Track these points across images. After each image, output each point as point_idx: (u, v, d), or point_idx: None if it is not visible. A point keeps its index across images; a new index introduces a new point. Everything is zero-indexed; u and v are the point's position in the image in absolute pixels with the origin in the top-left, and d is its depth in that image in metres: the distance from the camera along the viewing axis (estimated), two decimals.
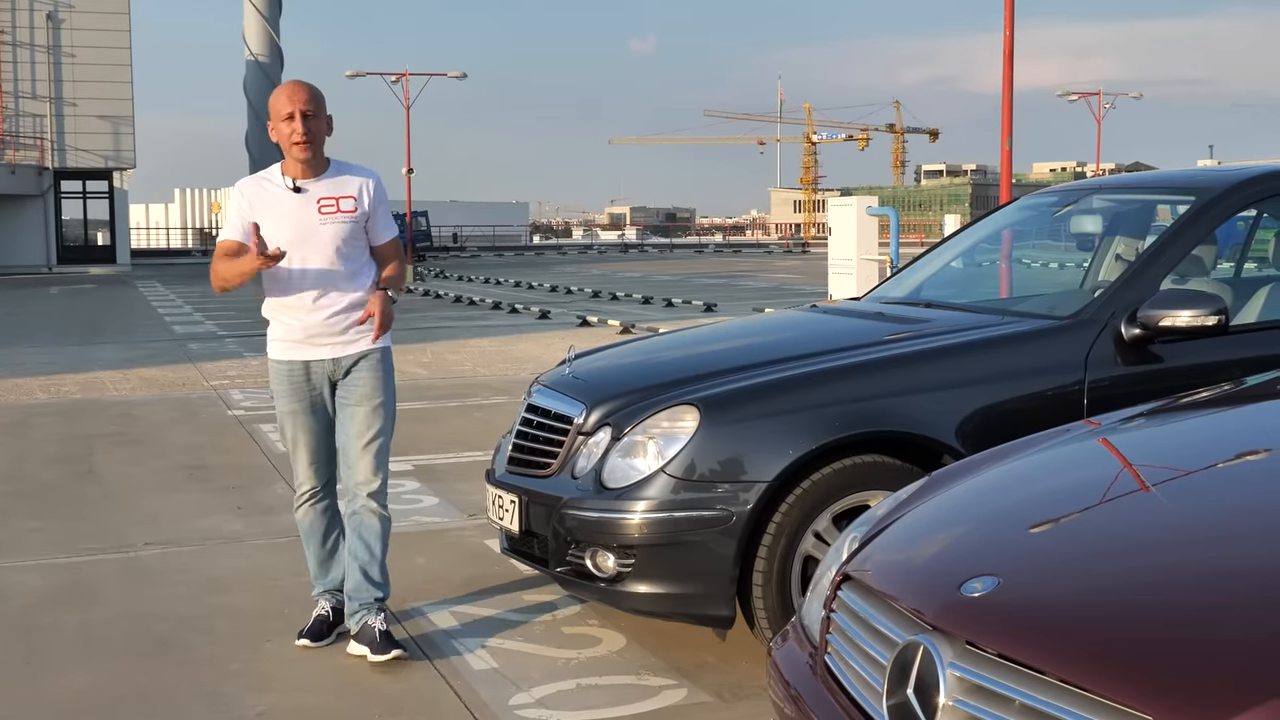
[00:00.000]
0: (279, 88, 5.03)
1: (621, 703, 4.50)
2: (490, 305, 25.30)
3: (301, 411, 5.07)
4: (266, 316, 5.10)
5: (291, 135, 4.87)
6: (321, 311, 4.98)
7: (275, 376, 5.11)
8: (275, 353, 5.11)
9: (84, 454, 9.44)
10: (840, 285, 17.12)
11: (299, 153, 4.90)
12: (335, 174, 5.03)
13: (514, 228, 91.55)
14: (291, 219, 4.92)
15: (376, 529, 5.05)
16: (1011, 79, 17.71)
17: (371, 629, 4.95)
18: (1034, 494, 2.97)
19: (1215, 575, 2.33)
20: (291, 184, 4.96)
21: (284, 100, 4.91)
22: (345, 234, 4.97)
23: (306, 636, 5.11)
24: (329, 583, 5.22)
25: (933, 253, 6.76)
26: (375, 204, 5.06)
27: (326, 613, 5.19)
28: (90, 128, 47.74)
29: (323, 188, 4.98)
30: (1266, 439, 3.14)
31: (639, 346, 6.19)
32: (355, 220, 4.99)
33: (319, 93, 5.00)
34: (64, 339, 19.25)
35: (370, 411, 5.03)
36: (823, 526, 4.64)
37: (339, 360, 5.03)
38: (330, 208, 4.95)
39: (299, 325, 5.01)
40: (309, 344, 5.02)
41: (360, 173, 5.08)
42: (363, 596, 5.02)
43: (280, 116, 4.90)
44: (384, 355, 5.11)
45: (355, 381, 5.04)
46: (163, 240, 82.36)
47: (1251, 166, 5.95)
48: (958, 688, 2.27)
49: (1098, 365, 4.92)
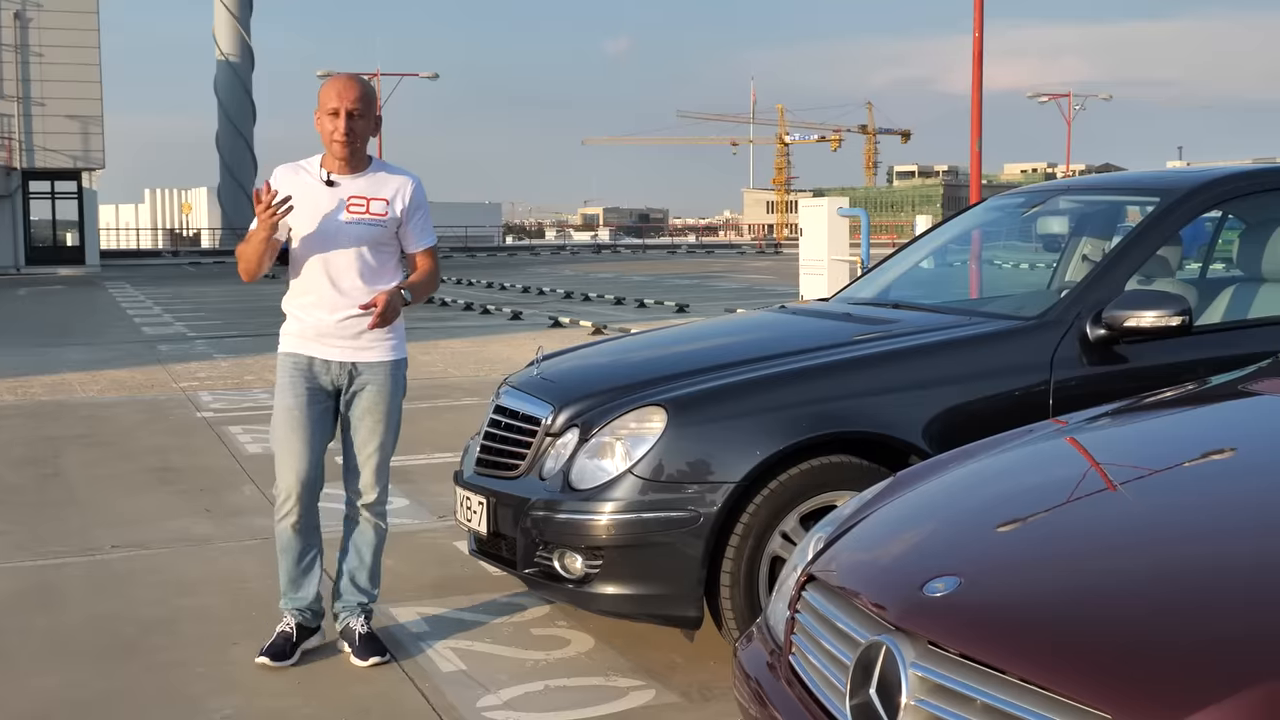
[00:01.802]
0: (331, 80, 4.84)
1: (590, 704, 4.49)
2: (462, 306, 25.24)
3: (298, 408, 4.85)
4: (285, 310, 4.97)
5: (334, 132, 4.73)
6: (338, 313, 4.82)
7: (281, 370, 4.94)
8: (285, 346, 4.95)
9: (51, 456, 9.38)
10: (811, 286, 17.17)
11: (338, 150, 4.76)
12: (374, 173, 4.87)
13: (486, 228, 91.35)
14: (320, 214, 4.79)
15: (370, 538, 5.00)
16: (981, 80, 17.80)
17: (353, 631, 4.94)
18: (998, 494, 2.98)
19: (1176, 574, 2.35)
20: (326, 176, 4.82)
21: (333, 95, 4.74)
22: (370, 237, 4.81)
23: (266, 655, 4.87)
24: (299, 600, 4.99)
25: (901, 253, 6.78)
26: (412, 210, 4.90)
27: (290, 629, 4.96)
28: (59, 127, 47.42)
29: (357, 185, 4.83)
30: (1231, 438, 3.16)
31: (607, 347, 6.19)
32: (383, 224, 4.83)
33: (371, 91, 4.86)
34: (32, 340, 19.11)
35: (376, 423, 4.93)
36: (790, 527, 4.65)
37: (346, 365, 4.88)
38: (359, 208, 4.80)
39: (312, 323, 4.87)
40: (319, 342, 4.87)
41: (400, 175, 4.92)
42: (347, 599, 5.01)
43: (326, 109, 4.75)
44: (397, 367, 4.99)
45: (365, 392, 4.91)
46: (132, 241, 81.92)
47: (1217, 168, 6.00)
48: (920, 687, 2.28)
49: (1063, 365, 4.94)
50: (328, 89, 4.78)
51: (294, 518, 4.91)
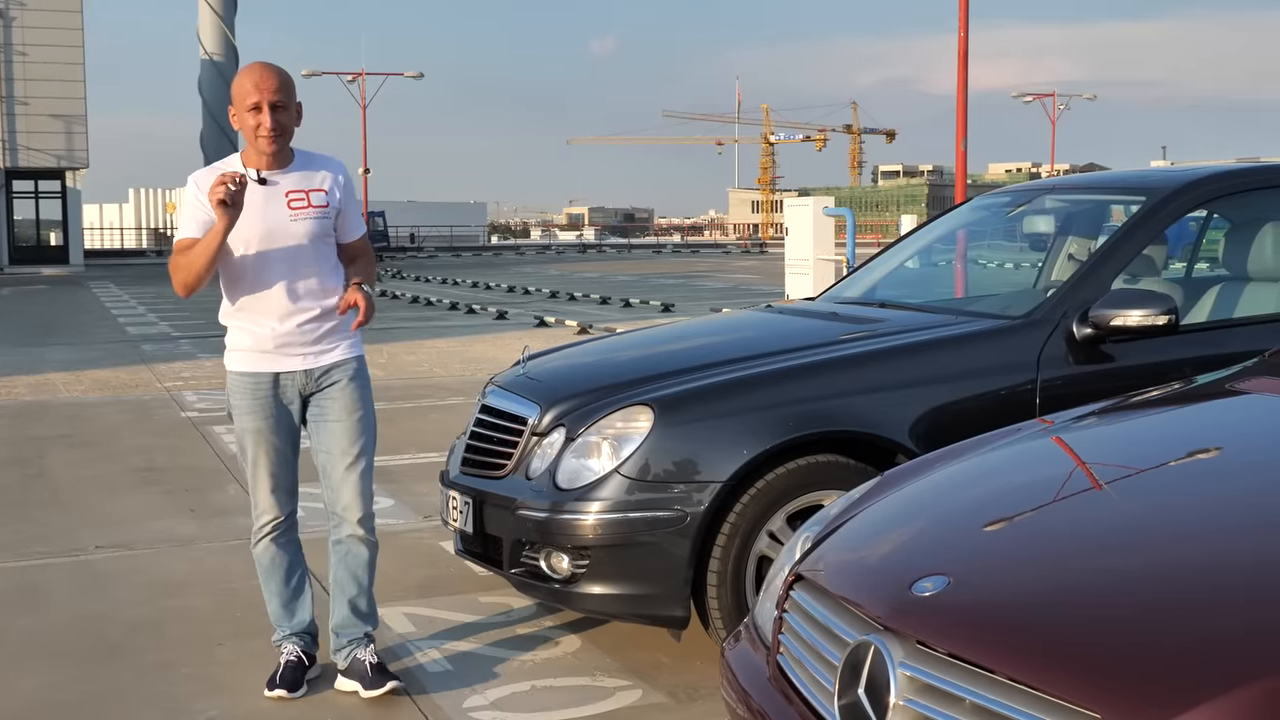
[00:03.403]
0: (244, 71, 4.47)
1: (576, 704, 4.49)
2: (447, 305, 25.20)
3: (267, 430, 4.55)
4: (226, 324, 4.61)
5: (258, 128, 4.38)
6: (295, 317, 4.49)
7: (238, 390, 4.57)
8: (238, 364, 4.57)
9: (35, 456, 9.34)
10: (797, 285, 17.20)
11: (265, 146, 4.42)
12: (302, 166, 4.55)
13: (472, 228, 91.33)
14: (259, 214, 4.43)
15: (365, 558, 4.69)
16: (966, 80, 17.83)
17: (362, 663, 4.61)
18: (985, 493, 2.98)
19: (1164, 573, 2.35)
20: (257, 175, 4.46)
21: (250, 88, 4.39)
22: (317, 230, 4.50)
23: (282, 687, 4.58)
24: (295, 625, 4.74)
25: (887, 253, 6.78)
26: (346, 197, 4.62)
27: (298, 659, 4.68)
28: (42, 127, 47.22)
29: (291, 180, 4.51)
30: (1216, 437, 3.16)
31: (593, 347, 6.18)
32: (327, 215, 4.53)
33: (289, 79, 4.49)
34: (15, 340, 19.03)
35: (352, 426, 4.59)
36: (777, 526, 4.64)
37: (311, 371, 4.55)
38: (301, 202, 4.48)
39: (269, 334, 4.50)
40: (279, 354, 4.52)
41: (327, 164, 4.62)
42: (351, 632, 4.68)
43: (245, 105, 4.40)
44: (360, 364, 4.67)
45: (332, 395, 4.58)
46: (117, 240, 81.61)
47: (1202, 167, 6.02)
48: (908, 687, 2.28)
49: (1050, 365, 4.95)
50: (241, 81, 4.43)
51: (276, 534, 4.66)
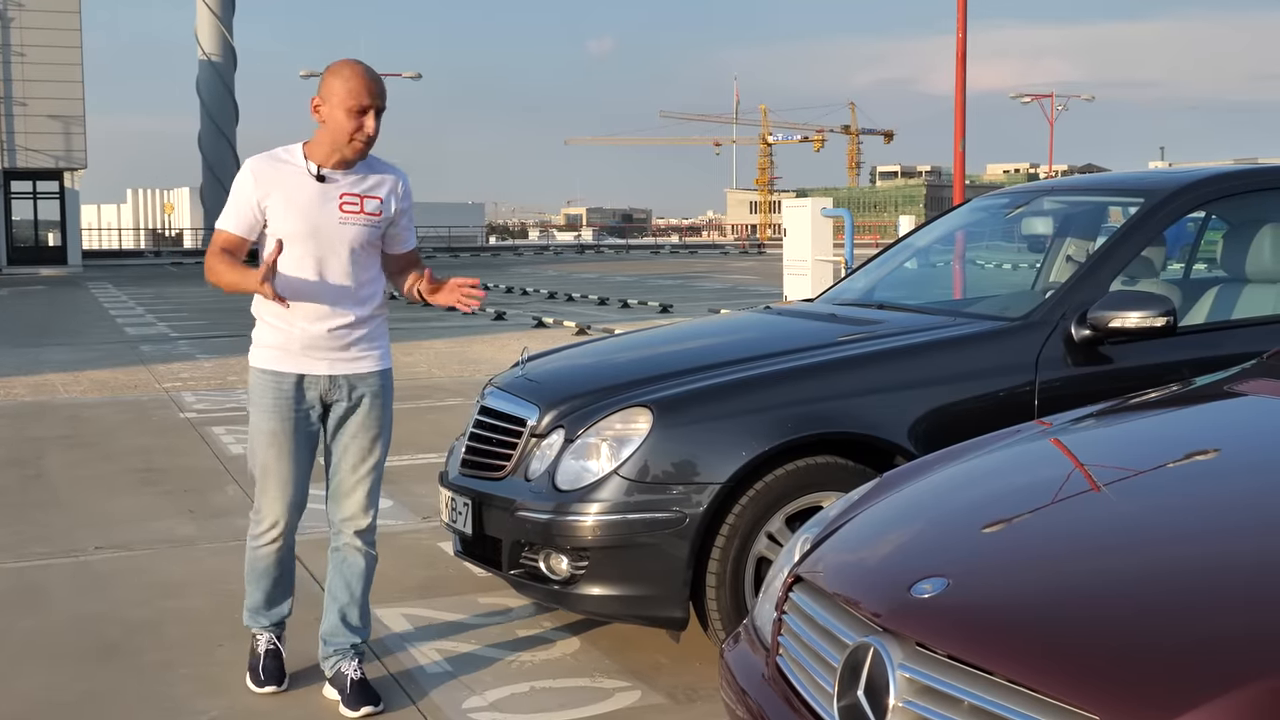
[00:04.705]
0: (351, 71, 4.29)
1: (575, 705, 4.49)
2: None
3: (283, 433, 4.41)
4: (256, 315, 4.47)
5: (357, 131, 4.24)
6: (326, 322, 4.37)
7: (259, 388, 4.43)
8: (263, 361, 4.44)
9: (33, 457, 9.34)
10: (795, 286, 17.18)
11: (358, 151, 4.30)
12: (365, 170, 4.39)
13: (470, 228, 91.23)
14: (308, 211, 4.30)
15: (361, 568, 4.61)
16: (964, 81, 17.84)
17: (344, 677, 4.50)
18: (984, 495, 2.98)
19: (1163, 575, 2.35)
20: (316, 170, 4.31)
21: (361, 90, 4.23)
22: (364, 239, 4.38)
23: (270, 682, 4.58)
24: (273, 617, 4.66)
25: (886, 254, 6.78)
26: (403, 209, 4.49)
27: (275, 647, 4.66)
28: (41, 127, 47.22)
29: (349, 182, 4.35)
30: (1215, 439, 3.17)
31: (592, 348, 6.18)
32: (378, 225, 4.40)
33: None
34: (13, 341, 19.02)
35: (370, 442, 4.52)
36: (776, 528, 4.65)
37: (336, 379, 4.43)
38: (353, 206, 4.34)
39: (297, 334, 4.37)
40: (305, 356, 4.39)
41: (391, 171, 4.48)
42: (338, 641, 4.58)
43: (349, 105, 4.23)
44: (387, 379, 4.57)
45: (356, 407, 4.48)
46: (114, 241, 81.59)
47: (1201, 168, 6.02)
48: (908, 689, 2.28)
49: (1048, 366, 4.95)
50: (354, 83, 4.25)
51: (279, 543, 4.55)
